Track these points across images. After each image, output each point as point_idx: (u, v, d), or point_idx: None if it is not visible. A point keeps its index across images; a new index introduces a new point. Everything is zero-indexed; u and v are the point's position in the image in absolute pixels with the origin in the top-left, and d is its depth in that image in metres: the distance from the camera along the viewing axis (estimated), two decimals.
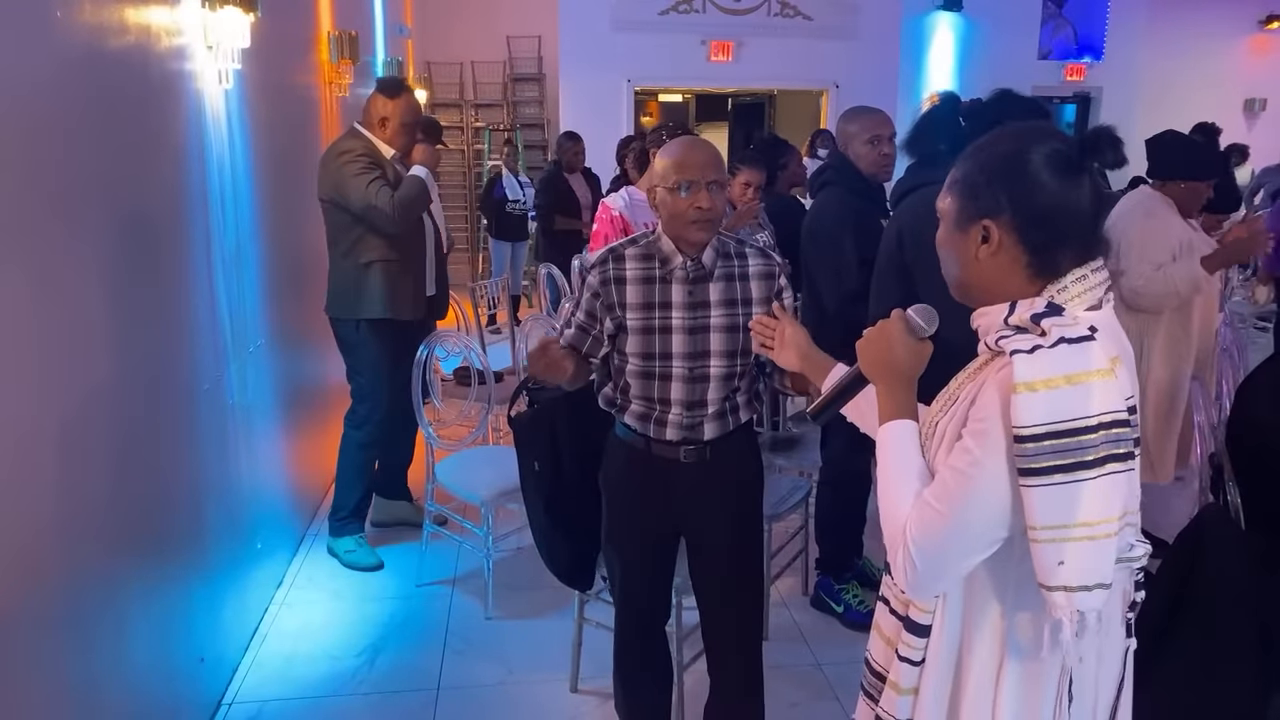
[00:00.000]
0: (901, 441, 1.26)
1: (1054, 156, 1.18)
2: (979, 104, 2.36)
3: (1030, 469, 1.08)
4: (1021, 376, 1.09)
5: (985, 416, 1.14)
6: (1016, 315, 1.17)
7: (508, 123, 10.09)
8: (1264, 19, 10.92)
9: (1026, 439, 1.08)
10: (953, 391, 1.26)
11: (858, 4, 9.10)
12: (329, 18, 4.66)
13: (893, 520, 1.21)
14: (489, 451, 3.65)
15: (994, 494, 1.13)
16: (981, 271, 1.23)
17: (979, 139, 1.27)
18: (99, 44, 2.09)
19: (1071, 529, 1.08)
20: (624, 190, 3.24)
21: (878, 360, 1.32)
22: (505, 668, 2.94)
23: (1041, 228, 1.18)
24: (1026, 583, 1.15)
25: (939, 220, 1.28)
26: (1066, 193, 1.18)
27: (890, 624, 1.33)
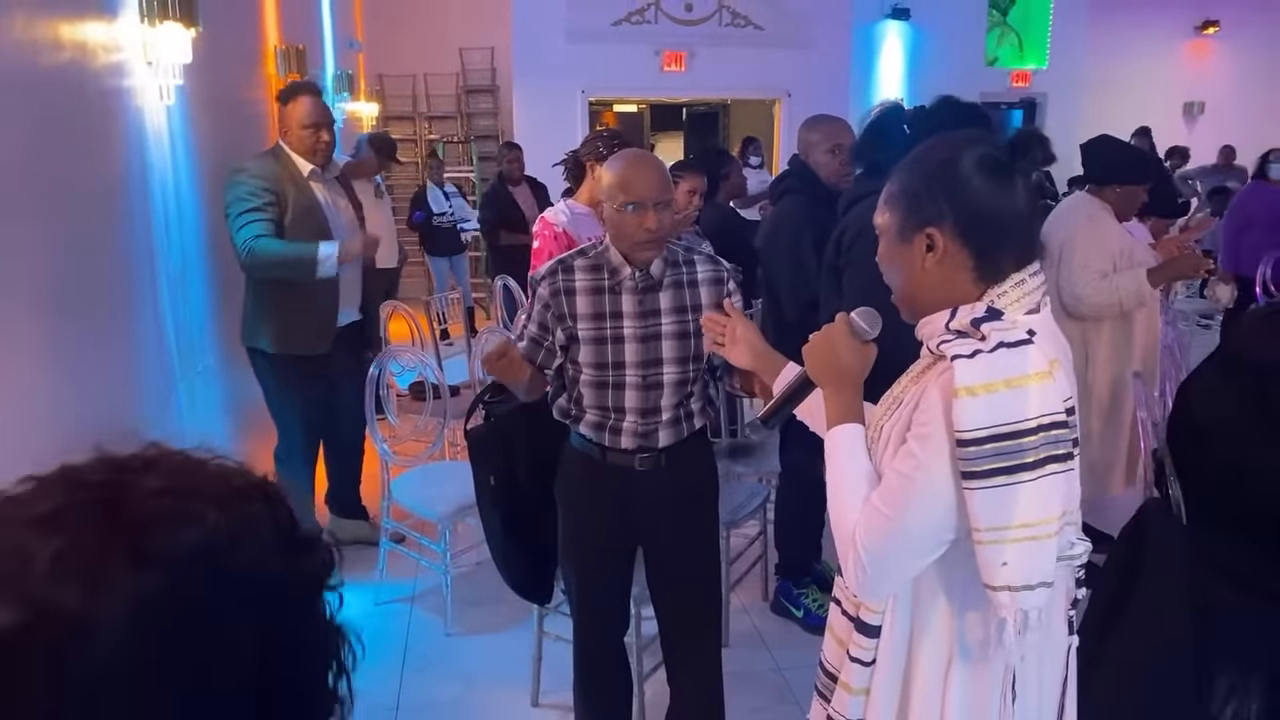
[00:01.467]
0: (849, 446, 1.28)
1: (986, 160, 1.21)
2: (922, 111, 2.39)
3: (972, 472, 1.10)
4: (962, 381, 1.11)
5: (927, 420, 1.16)
6: (957, 320, 1.20)
7: (462, 134, 10.05)
8: (1201, 24, 11.24)
9: (968, 442, 1.10)
10: (896, 395, 1.28)
11: (808, 14, 9.21)
12: (275, 31, 4.61)
13: (842, 524, 1.23)
14: (446, 467, 3.62)
15: (938, 497, 1.15)
16: (928, 281, 1.24)
17: (909, 154, 1.30)
18: (32, 61, 2.04)
19: (1013, 529, 1.10)
20: (563, 203, 3.18)
21: (823, 364, 1.34)
22: (465, 684, 2.91)
23: (983, 230, 1.20)
24: (973, 583, 1.17)
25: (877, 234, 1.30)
26: (1002, 194, 1.21)
27: (842, 625, 1.36)
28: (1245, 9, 11.02)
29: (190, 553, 0.55)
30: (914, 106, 2.60)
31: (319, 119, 3.20)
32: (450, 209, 7.31)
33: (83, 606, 0.52)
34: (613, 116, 11.63)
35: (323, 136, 3.21)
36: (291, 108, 3.20)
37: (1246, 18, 11.07)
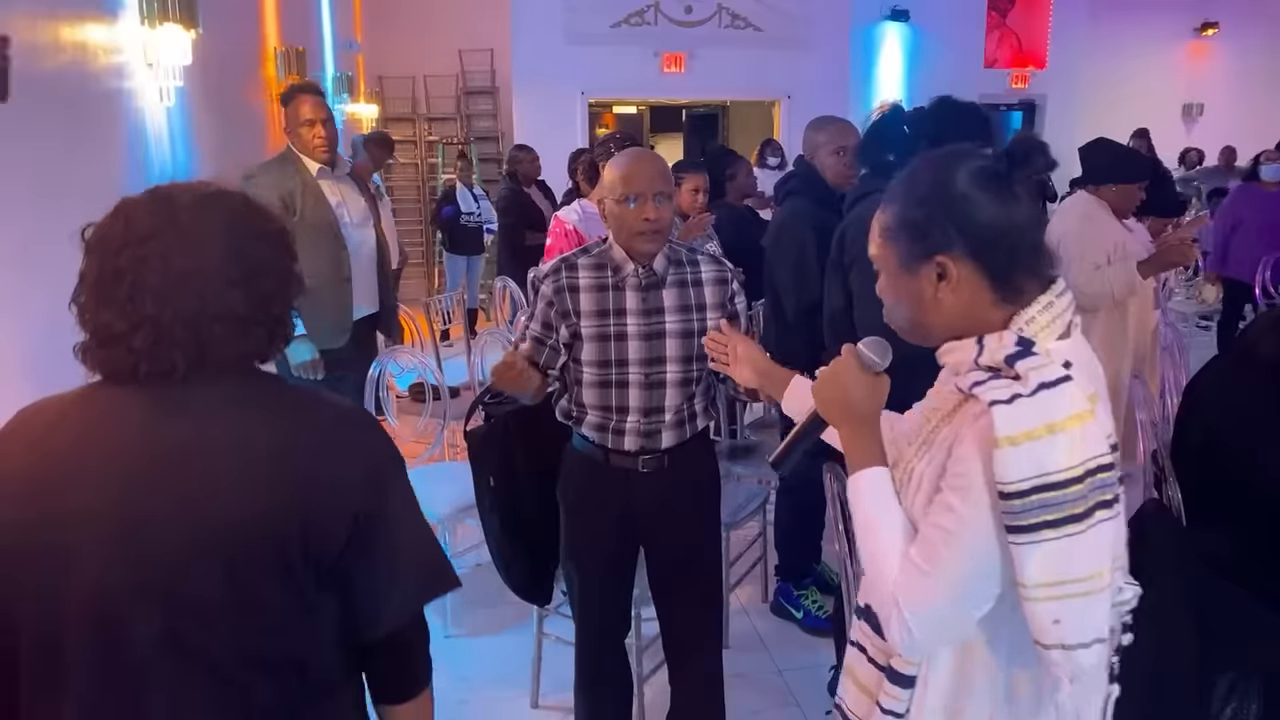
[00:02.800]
0: (876, 493, 1.20)
1: (983, 173, 1.14)
2: (922, 111, 2.40)
3: (1017, 526, 1.04)
4: (1003, 431, 1.04)
5: (965, 471, 1.09)
6: (988, 355, 1.12)
7: (461, 136, 10.05)
8: (1200, 26, 11.26)
9: (1011, 495, 1.03)
10: (927, 434, 1.20)
11: (807, 15, 9.22)
12: (275, 33, 4.62)
13: (879, 581, 1.16)
14: (446, 468, 3.61)
15: (982, 552, 1.08)
16: (944, 309, 1.16)
17: (893, 182, 1.23)
18: (33, 63, 2.05)
19: (1065, 585, 1.04)
20: (576, 203, 3.23)
21: (834, 402, 1.25)
22: (465, 685, 2.91)
23: (996, 249, 1.14)
24: (1021, 635, 1.11)
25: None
26: (1008, 207, 1.14)
27: (869, 673, 1.28)
28: (1244, 11, 11.04)
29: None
30: (914, 107, 2.61)
31: (316, 115, 3.25)
32: (478, 210, 7.35)
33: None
34: (612, 118, 11.64)
35: (319, 132, 3.25)
36: (292, 108, 3.27)
37: (1246, 19, 11.09)
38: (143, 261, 1.02)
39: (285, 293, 1.12)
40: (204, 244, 1.04)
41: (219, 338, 1.04)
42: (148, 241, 1.03)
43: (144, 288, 1.02)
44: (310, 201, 3.25)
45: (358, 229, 3.42)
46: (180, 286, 1.02)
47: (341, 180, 3.41)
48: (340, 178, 3.40)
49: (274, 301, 1.10)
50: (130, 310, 1.02)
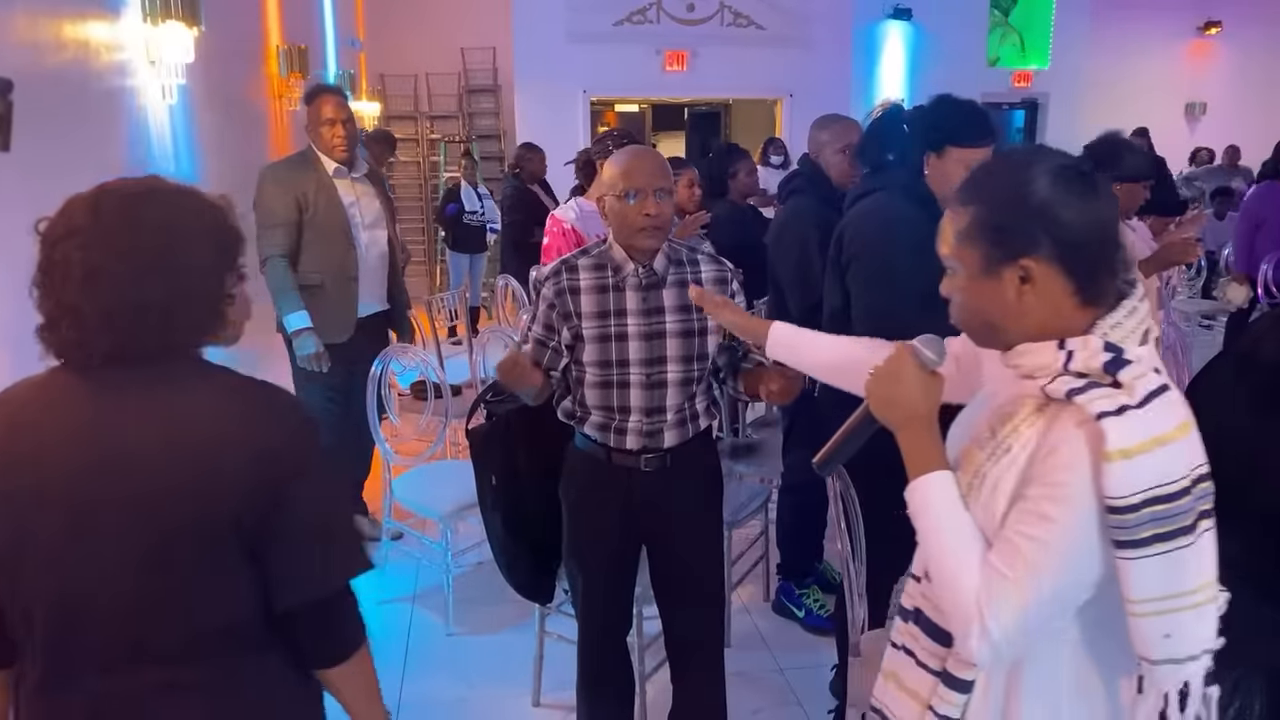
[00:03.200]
0: (944, 499, 1.16)
1: (1067, 173, 1.12)
2: (921, 109, 2.40)
3: (1129, 541, 1.02)
4: (1116, 444, 1.01)
5: (1065, 481, 1.06)
6: (1080, 362, 1.09)
7: (463, 134, 10.05)
8: (1203, 25, 11.25)
9: (1123, 509, 1.01)
10: (1002, 438, 1.15)
11: (809, 14, 9.21)
12: (278, 31, 4.62)
13: (954, 590, 1.12)
14: (447, 466, 3.61)
15: (1077, 564, 1.07)
16: (1024, 314, 1.13)
17: (969, 179, 1.21)
18: (35, 60, 2.05)
19: (1177, 598, 1.03)
20: (573, 201, 3.22)
21: (892, 402, 1.21)
22: (467, 683, 2.91)
23: (1083, 251, 1.11)
24: (1086, 638, 1.12)
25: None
26: (1093, 208, 1.11)
27: (919, 679, 1.24)
28: (1247, 10, 11.03)
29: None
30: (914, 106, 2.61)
31: (335, 115, 3.35)
32: (482, 209, 7.36)
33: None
34: (614, 116, 11.64)
35: (338, 131, 3.35)
36: (314, 107, 3.37)
37: (1248, 18, 11.08)
38: (67, 255, 1.12)
39: (213, 285, 1.20)
40: (123, 239, 1.12)
41: (142, 327, 1.13)
42: (74, 236, 1.12)
43: (69, 279, 1.12)
44: (324, 201, 3.35)
45: (368, 229, 3.50)
46: (96, 279, 1.11)
47: (359, 180, 3.48)
48: (358, 178, 3.48)
49: (199, 293, 1.18)
50: (60, 300, 1.12)
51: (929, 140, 2.26)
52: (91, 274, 1.11)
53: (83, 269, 1.11)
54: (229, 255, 1.23)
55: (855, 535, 2.08)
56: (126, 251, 1.12)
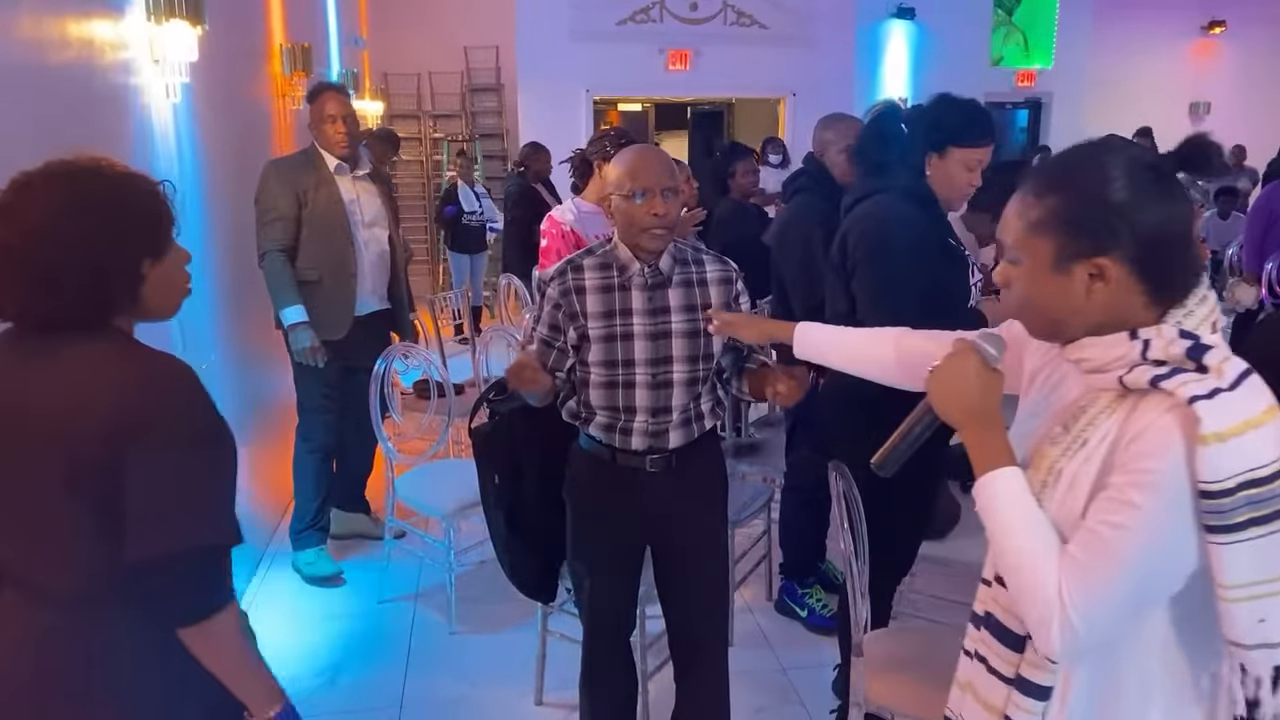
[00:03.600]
0: (1015, 495, 1.14)
1: (1151, 170, 1.09)
2: (919, 109, 2.39)
3: (1223, 525, 1.01)
4: (1211, 427, 1.00)
5: (1153, 468, 1.03)
6: (1159, 349, 1.07)
7: (466, 133, 10.05)
8: (1207, 24, 11.23)
9: (1219, 494, 1.00)
10: (1077, 432, 1.13)
11: (813, 13, 9.20)
12: (281, 30, 4.62)
13: (1033, 582, 1.09)
14: (450, 465, 3.62)
15: (1166, 550, 1.05)
16: (1090, 310, 1.11)
17: (1046, 169, 1.17)
18: (39, 58, 2.05)
19: (1272, 583, 1.02)
20: (571, 202, 3.19)
21: (957, 399, 1.19)
22: (469, 682, 2.92)
23: (1162, 253, 1.08)
24: (1175, 635, 1.10)
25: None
26: (1175, 209, 1.09)
27: (992, 687, 1.21)
28: (1251, 9, 11.00)
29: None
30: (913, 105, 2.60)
31: (337, 111, 3.37)
32: (480, 209, 7.36)
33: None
34: (617, 115, 11.64)
35: (340, 128, 3.37)
36: (317, 104, 3.39)
37: (1253, 18, 11.05)
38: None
39: (121, 265, 1.29)
40: (30, 218, 1.25)
41: (41, 298, 1.25)
42: (7, 214, 1.25)
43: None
44: (323, 197, 3.35)
45: (368, 228, 3.50)
46: (2, 253, 1.24)
47: (361, 178, 3.48)
48: (360, 176, 3.48)
49: (103, 272, 1.27)
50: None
51: (930, 141, 2.25)
52: (3, 247, 1.24)
53: (0, 244, 1.24)
54: (145, 237, 1.32)
55: (858, 534, 2.08)
56: (30, 231, 1.24)
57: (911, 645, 2.21)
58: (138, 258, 1.30)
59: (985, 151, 2.26)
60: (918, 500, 2.42)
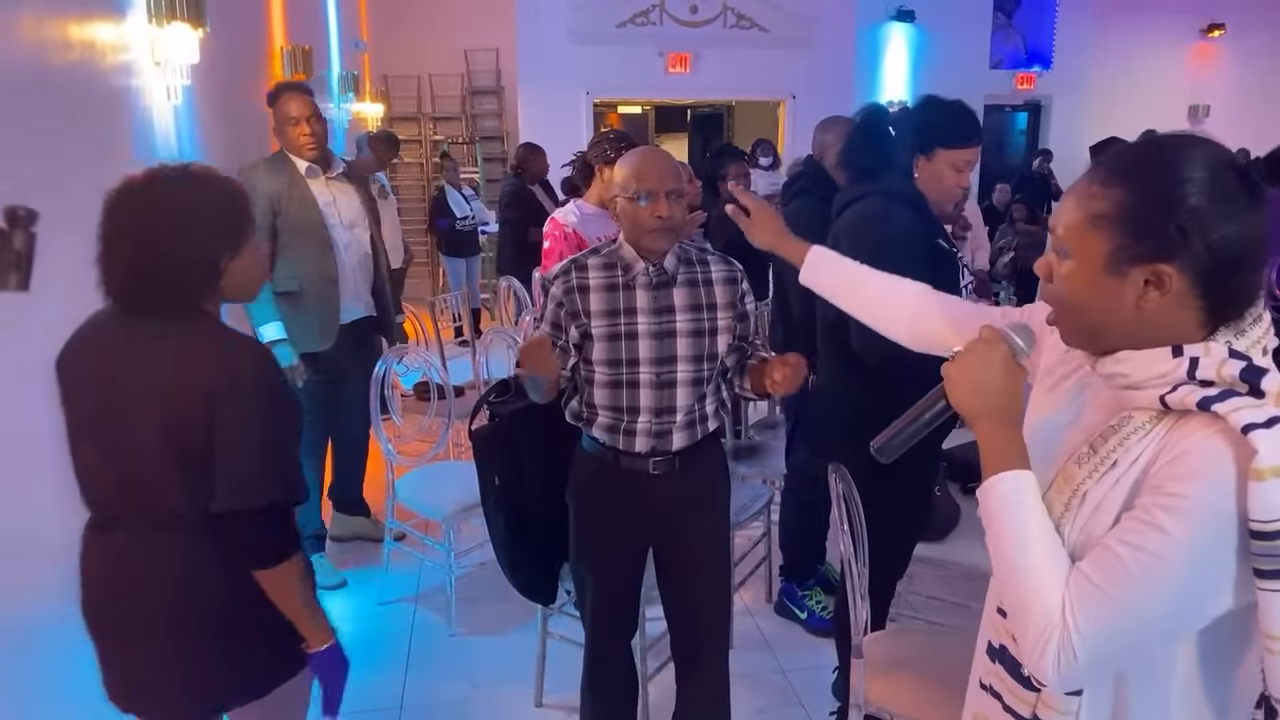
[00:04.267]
0: (1025, 502, 1.05)
1: (1237, 179, 0.98)
2: (907, 112, 2.40)
3: (1276, 571, 0.91)
4: (1269, 460, 0.89)
5: (1189, 494, 0.94)
6: (1209, 369, 0.97)
7: (466, 135, 10.06)
8: (1206, 28, 11.24)
9: (1272, 535, 0.90)
10: (1105, 453, 1.04)
11: (812, 15, 9.22)
12: (282, 32, 4.63)
13: (1033, 599, 1.01)
14: (450, 467, 3.62)
15: (1193, 585, 0.95)
16: (1138, 320, 1.01)
17: (1114, 157, 1.06)
18: (41, 60, 2.05)
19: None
20: (573, 204, 3.20)
21: (977, 391, 1.09)
22: (469, 684, 2.92)
23: (1231, 269, 0.98)
24: (1198, 679, 1.03)
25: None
26: (1254, 223, 0.99)
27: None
28: (1250, 12, 11.02)
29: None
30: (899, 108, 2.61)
31: (302, 112, 3.20)
32: (471, 212, 7.36)
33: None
34: (617, 118, 11.65)
35: (305, 130, 3.20)
36: (278, 107, 3.23)
37: (1252, 21, 11.07)
38: (100, 225, 1.51)
39: (201, 260, 1.53)
40: (127, 219, 1.51)
41: (137, 286, 1.51)
42: (105, 211, 1.51)
43: (99, 244, 1.52)
44: (296, 201, 3.22)
45: (348, 229, 3.37)
46: (107, 248, 1.51)
47: (335, 179, 3.36)
48: (334, 177, 3.35)
49: (185, 267, 1.52)
50: (97, 258, 1.52)
51: (917, 143, 2.26)
52: (106, 244, 1.50)
53: (103, 239, 1.50)
54: (221, 238, 1.55)
55: (857, 537, 2.08)
56: (124, 230, 1.49)
57: (911, 647, 2.21)
58: (216, 255, 1.54)
59: (973, 152, 2.27)
60: (917, 502, 2.43)
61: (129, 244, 1.48)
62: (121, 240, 1.49)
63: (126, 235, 1.48)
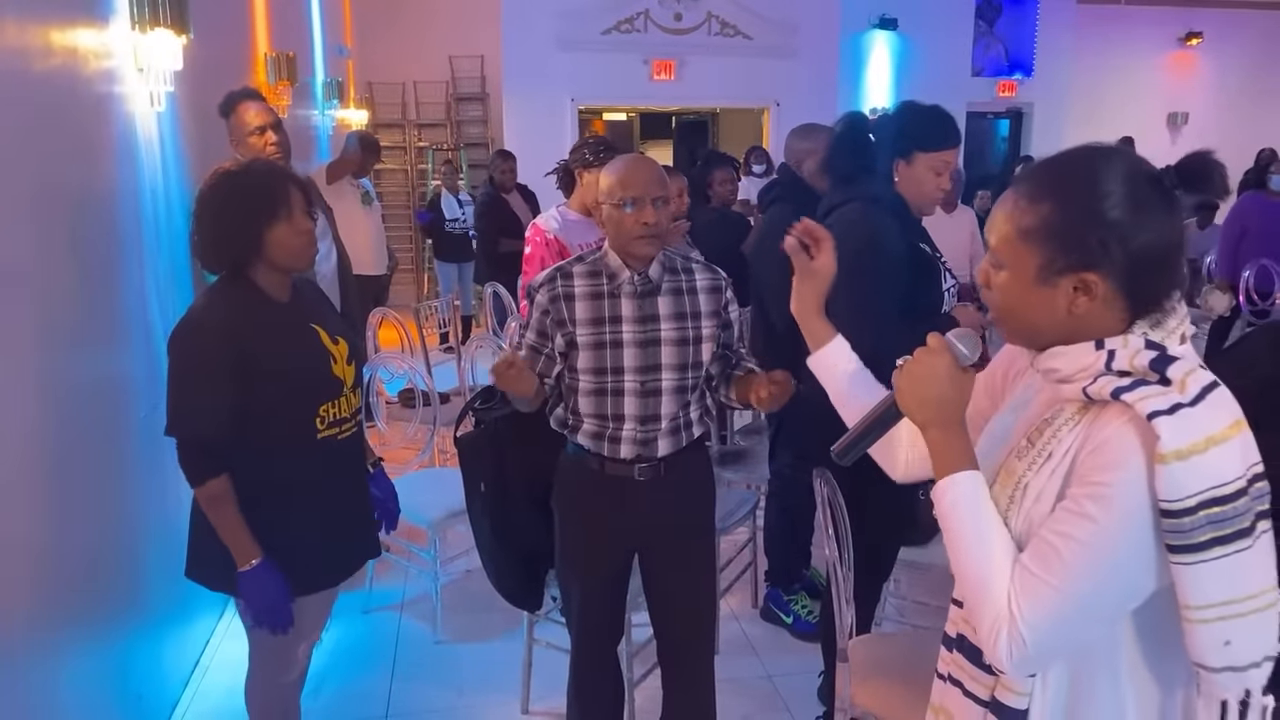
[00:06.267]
0: (974, 500, 1.11)
1: (1152, 188, 1.06)
2: (886, 118, 2.43)
3: (1185, 545, 0.97)
4: (1170, 445, 0.96)
5: (1110, 481, 1.01)
6: (1123, 360, 1.04)
7: (451, 142, 10.05)
8: (1184, 36, 11.38)
9: (1180, 513, 0.97)
10: (1041, 445, 1.11)
11: (797, 23, 9.27)
12: (265, 39, 4.61)
13: (984, 592, 1.07)
14: (435, 474, 3.61)
15: (1122, 566, 1.02)
16: (1068, 322, 1.08)
17: (1040, 173, 1.12)
18: (23, 66, 2.04)
19: (1238, 604, 0.99)
20: (555, 210, 3.20)
21: (925, 399, 1.15)
22: (455, 691, 2.91)
23: (1153, 273, 1.06)
24: (1147, 655, 1.08)
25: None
26: (1172, 227, 1.06)
27: (967, 710, 1.19)
28: (1227, 20, 11.17)
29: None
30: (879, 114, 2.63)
31: (264, 120, 3.08)
32: (463, 216, 7.34)
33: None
34: (602, 125, 11.66)
35: (269, 138, 3.06)
36: (235, 118, 3.08)
37: (1229, 29, 11.22)
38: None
39: (242, 232, 1.93)
40: (197, 201, 1.99)
41: (202, 252, 2.02)
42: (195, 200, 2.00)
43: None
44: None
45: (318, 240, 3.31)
46: (192, 223, 2.02)
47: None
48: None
49: (227, 237, 1.95)
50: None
51: (896, 148, 2.28)
52: (191, 219, 2.01)
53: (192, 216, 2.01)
54: (258, 210, 1.92)
55: (842, 541, 2.09)
56: (195, 210, 1.99)
57: (896, 650, 2.22)
58: (256, 225, 1.92)
59: (952, 154, 2.29)
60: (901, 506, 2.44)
61: (194, 220, 1.98)
62: (193, 217, 1.98)
63: (194, 213, 1.98)
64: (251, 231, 1.92)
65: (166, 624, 2.78)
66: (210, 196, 1.95)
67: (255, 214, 1.92)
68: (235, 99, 3.12)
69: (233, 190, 1.94)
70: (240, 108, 3.08)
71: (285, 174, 2.03)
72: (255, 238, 1.92)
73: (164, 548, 2.76)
